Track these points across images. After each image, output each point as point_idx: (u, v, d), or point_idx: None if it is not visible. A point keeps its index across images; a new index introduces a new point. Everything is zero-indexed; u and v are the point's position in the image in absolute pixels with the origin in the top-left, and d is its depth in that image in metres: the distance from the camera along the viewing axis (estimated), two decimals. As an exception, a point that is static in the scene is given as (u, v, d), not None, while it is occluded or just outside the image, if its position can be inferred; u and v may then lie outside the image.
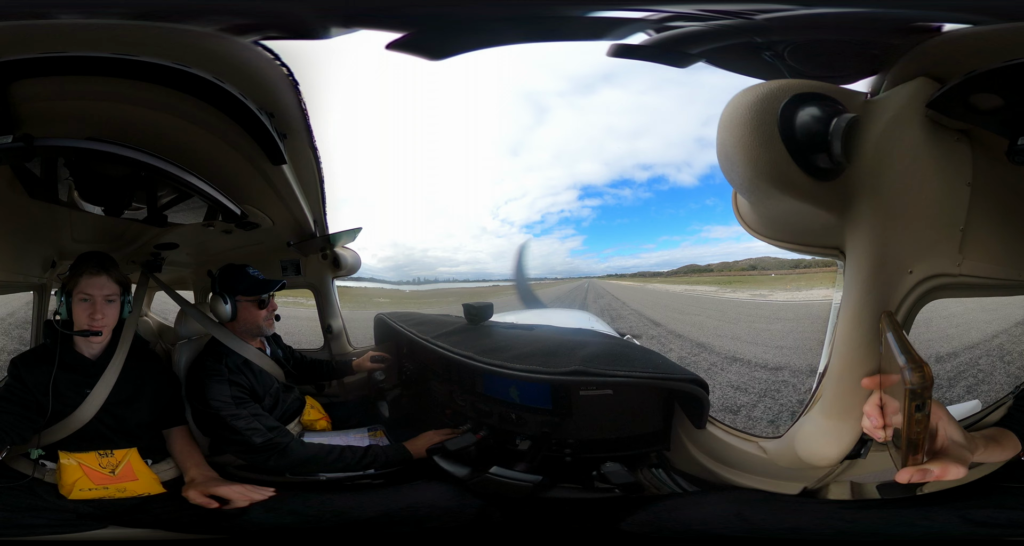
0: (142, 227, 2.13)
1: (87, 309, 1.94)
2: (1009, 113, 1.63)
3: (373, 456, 2.10)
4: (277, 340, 2.31)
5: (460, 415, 2.23)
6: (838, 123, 1.61)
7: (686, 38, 1.82)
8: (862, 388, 1.62)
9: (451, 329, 2.29)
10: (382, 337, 2.40)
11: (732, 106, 1.65)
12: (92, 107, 1.84)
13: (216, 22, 1.74)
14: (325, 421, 2.31)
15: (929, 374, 1.33)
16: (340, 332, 2.40)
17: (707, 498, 1.96)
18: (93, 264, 1.97)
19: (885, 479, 1.91)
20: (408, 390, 2.42)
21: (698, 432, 2.00)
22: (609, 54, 1.86)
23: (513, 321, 2.30)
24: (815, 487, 1.94)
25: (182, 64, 1.78)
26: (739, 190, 1.84)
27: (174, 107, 1.85)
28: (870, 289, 1.71)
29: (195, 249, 2.30)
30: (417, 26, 1.79)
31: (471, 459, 2.08)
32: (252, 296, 2.16)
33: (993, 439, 1.70)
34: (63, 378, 1.92)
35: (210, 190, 1.98)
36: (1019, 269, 1.85)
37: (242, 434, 2.01)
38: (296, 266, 2.34)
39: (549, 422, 2.05)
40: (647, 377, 1.98)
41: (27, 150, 1.76)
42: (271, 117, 1.94)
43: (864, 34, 1.79)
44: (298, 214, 2.21)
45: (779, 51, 1.79)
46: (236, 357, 2.12)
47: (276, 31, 1.78)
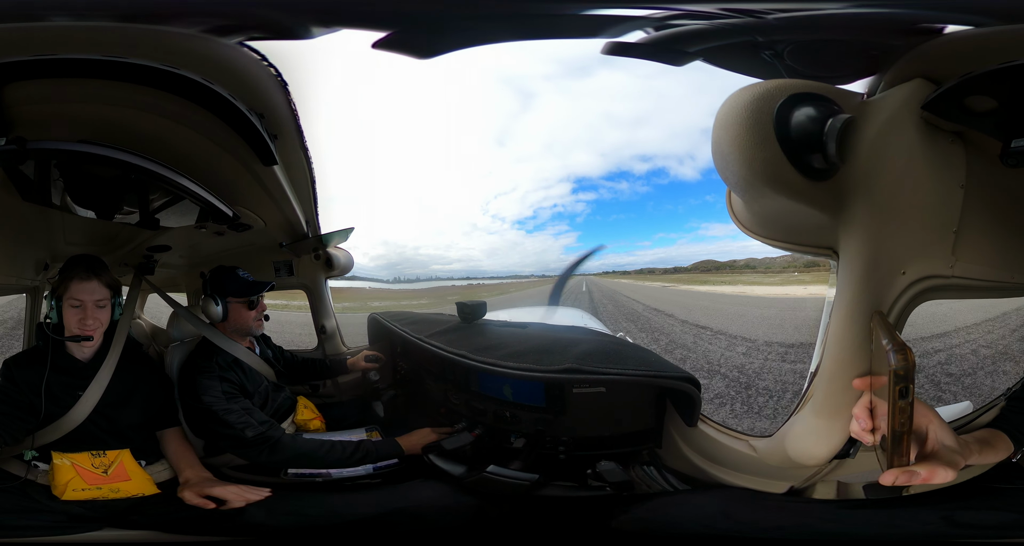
0: (135, 230, 2.12)
1: (78, 314, 1.93)
2: (1003, 115, 1.64)
3: (365, 450, 2.10)
4: (267, 340, 2.32)
5: (455, 413, 2.23)
6: (833, 123, 1.61)
7: (685, 36, 1.81)
8: (853, 388, 1.63)
9: (445, 327, 2.29)
10: (376, 337, 2.40)
11: (728, 105, 1.64)
12: (83, 110, 1.83)
13: (199, 24, 1.73)
14: (319, 421, 2.32)
15: (912, 357, 1.33)
16: (334, 332, 2.41)
17: (694, 496, 1.97)
18: (83, 269, 1.96)
19: (872, 479, 1.89)
20: (403, 389, 2.43)
21: (689, 430, 2.00)
22: (604, 52, 1.84)
23: (506, 318, 2.30)
24: (802, 486, 1.95)
25: (172, 66, 1.78)
26: (733, 189, 1.83)
27: (165, 109, 1.85)
28: (863, 289, 1.70)
29: (188, 251, 2.30)
30: (404, 24, 1.79)
31: (467, 458, 2.08)
32: (242, 297, 2.18)
33: (985, 442, 1.71)
34: (55, 380, 1.91)
35: (202, 192, 1.98)
36: (1012, 271, 1.86)
37: (233, 428, 2.02)
38: (289, 267, 2.34)
39: (543, 420, 2.06)
40: (640, 375, 1.98)
41: (20, 153, 1.76)
42: (261, 118, 1.94)
43: (866, 34, 1.78)
44: (290, 215, 2.21)
45: (779, 50, 1.78)
46: (226, 355, 2.13)
47: (260, 32, 1.77)
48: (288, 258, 2.34)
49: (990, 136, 1.68)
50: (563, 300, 2.30)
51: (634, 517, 1.89)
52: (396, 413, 2.37)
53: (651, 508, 1.93)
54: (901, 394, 1.34)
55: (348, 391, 2.43)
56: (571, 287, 2.28)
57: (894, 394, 1.34)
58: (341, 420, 2.36)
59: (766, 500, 1.91)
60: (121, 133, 1.87)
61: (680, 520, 1.88)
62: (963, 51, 1.67)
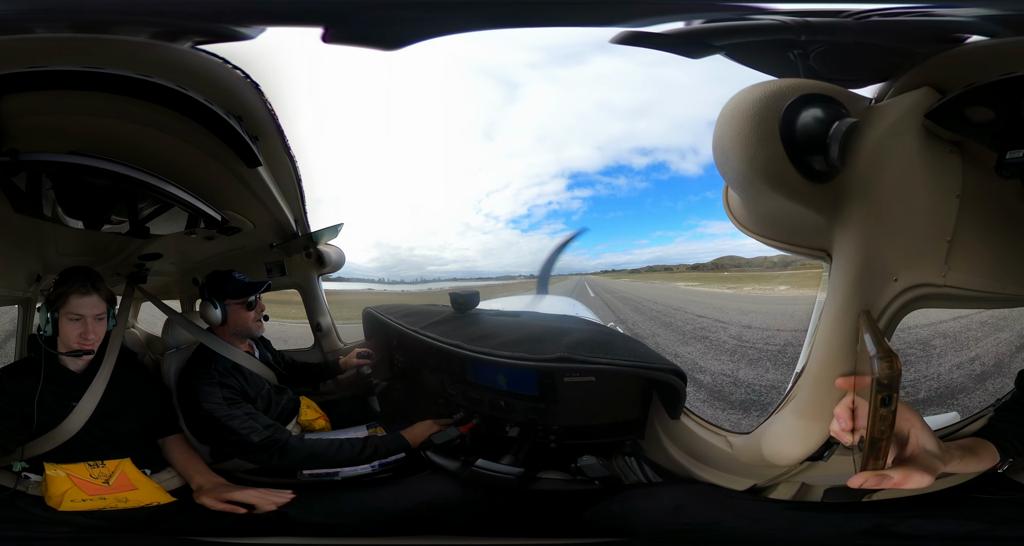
0: (126, 239, 2.15)
1: (78, 328, 1.94)
2: (1000, 126, 1.63)
3: (373, 447, 2.13)
4: (266, 344, 2.34)
5: (453, 404, 2.25)
6: (839, 127, 1.61)
7: (715, 31, 1.79)
8: (836, 391, 1.62)
9: (439, 318, 2.30)
10: (371, 331, 2.41)
11: (736, 101, 1.65)
12: (70, 122, 1.86)
13: (144, 30, 1.74)
14: (324, 420, 2.34)
15: (898, 365, 1.30)
16: (329, 329, 2.42)
17: (660, 489, 1.97)
18: (82, 282, 1.97)
19: (839, 484, 1.90)
20: (400, 382, 2.44)
21: (672, 423, 2.00)
22: (614, 41, 1.82)
23: (500, 307, 2.30)
24: (764, 485, 1.94)
25: (145, 74, 1.79)
26: (731, 185, 1.83)
27: (146, 118, 1.87)
28: (854, 293, 1.70)
29: (179, 258, 2.32)
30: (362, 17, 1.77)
31: (464, 450, 2.10)
32: (240, 298, 2.21)
33: (969, 449, 1.67)
34: (49, 391, 1.94)
35: (190, 198, 2.00)
36: (1003, 283, 1.84)
37: (239, 434, 2.05)
38: (281, 267, 2.35)
39: (536, 409, 2.07)
40: (628, 365, 1.98)
41: (13, 165, 1.79)
42: (240, 120, 1.94)
43: (902, 40, 1.76)
44: (278, 215, 2.21)
45: (808, 51, 1.77)
46: (225, 361, 2.15)
47: (205, 36, 1.77)
48: (279, 258, 2.35)
49: (987, 147, 1.67)
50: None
51: (602, 508, 1.90)
52: (395, 406, 2.39)
53: (620, 500, 1.94)
54: (883, 402, 1.30)
55: (348, 387, 2.45)
56: (575, 291, 2.22)
57: (875, 401, 1.31)
58: (344, 417, 2.37)
59: (726, 497, 1.91)
60: (107, 143, 1.89)
61: (640, 511, 1.88)
62: (974, 61, 1.67)
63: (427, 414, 2.23)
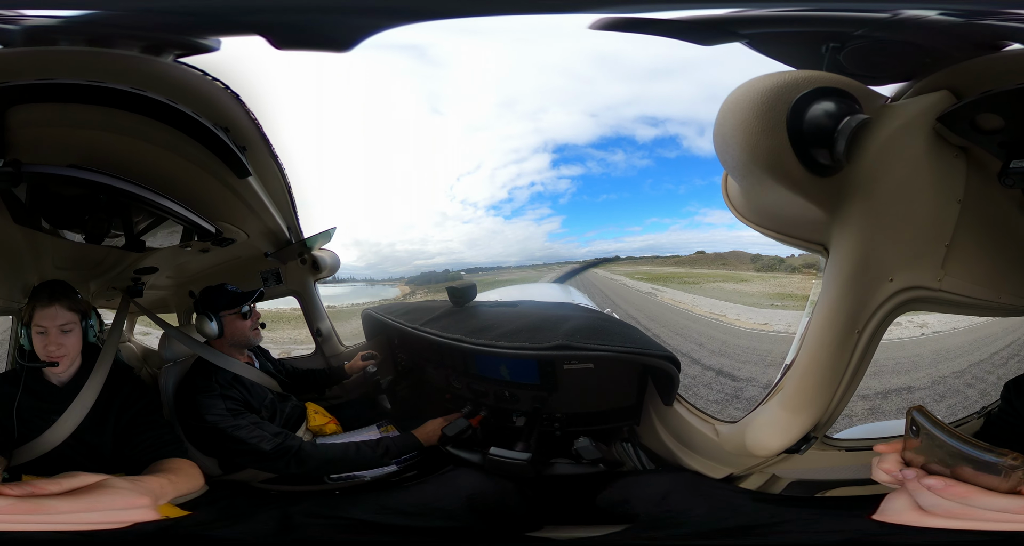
0: (122, 253, 2.16)
1: (42, 341, 1.95)
2: (1008, 135, 1.63)
3: (386, 447, 2.15)
4: (266, 354, 2.35)
5: (459, 398, 2.27)
6: (848, 122, 1.60)
7: (739, 20, 1.75)
8: (822, 386, 1.65)
9: (438, 314, 2.31)
10: (372, 332, 2.43)
11: (742, 90, 1.62)
12: (71, 135, 1.88)
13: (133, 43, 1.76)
14: (334, 424, 2.34)
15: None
16: (329, 333, 2.43)
17: (647, 476, 1.98)
18: (44, 295, 1.98)
19: (809, 478, 1.91)
20: (406, 380, 2.46)
21: (665, 409, 2.01)
22: (594, 27, 1.72)
23: (496, 298, 2.32)
24: (740, 474, 1.95)
25: (137, 88, 1.81)
26: (732, 173, 1.81)
27: (138, 131, 1.88)
28: (849, 290, 1.71)
29: (175, 271, 2.33)
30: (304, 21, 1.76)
31: (479, 442, 2.12)
32: (234, 309, 2.22)
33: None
34: (27, 403, 1.93)
35: (184, 211, 2.01)
36: (998, 291, 1.84)
37: (248, 443, 2.05)
38: (277, 275, 2.36)
39: (538, 397, 2.08)
40: (624, 351, 1.98)
41: (15, 176, 1.80)
42: (227, 131, 1.96)
43: (939, 42, 1.75)
44: (271, 223, 2.23)
45: (840, 47, 1.75)
46: (225, 373, 2.16)
47: (181, 49, 1.78)
48: (275, 267, 2.36)
49: (993, 155, 1.67)
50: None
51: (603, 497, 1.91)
52: (404, 404, 2.40)
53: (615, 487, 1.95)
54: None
55: (355, 389, 2.46)
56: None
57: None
58: (355, 420, 2.38)
59: (705, 485, 1.92)
60: (103, 157, 1.90)
61: (628, 499, 1.89)
62: (1008, 69, 1.66)
63: (436, 410, 2.25)
